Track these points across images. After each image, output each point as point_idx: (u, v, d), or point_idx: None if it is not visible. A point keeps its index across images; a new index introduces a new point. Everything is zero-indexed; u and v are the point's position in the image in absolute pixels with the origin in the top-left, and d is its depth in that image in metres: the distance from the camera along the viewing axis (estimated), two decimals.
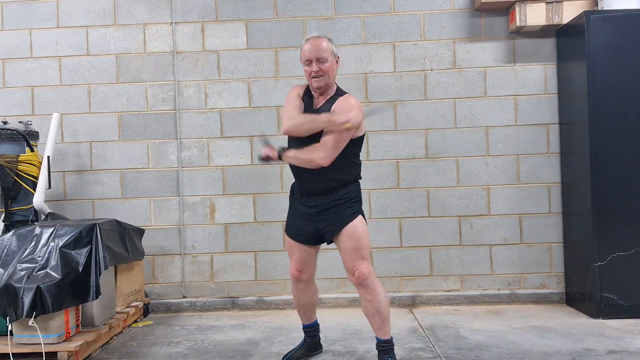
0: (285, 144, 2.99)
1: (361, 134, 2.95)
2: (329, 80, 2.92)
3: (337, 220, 2.90)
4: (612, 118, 3.88)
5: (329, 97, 2.95)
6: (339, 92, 2.98)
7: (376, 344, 2.99)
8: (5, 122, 4.03)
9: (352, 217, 2.91)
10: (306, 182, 2.97)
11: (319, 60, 2.86)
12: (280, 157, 2.91)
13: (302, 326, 3.29)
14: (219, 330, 3.92)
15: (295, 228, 3.05)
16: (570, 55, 4.18)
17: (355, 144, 2.94)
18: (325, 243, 3.05)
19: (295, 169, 2.98)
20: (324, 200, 2.91)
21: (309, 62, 2.89)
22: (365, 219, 2.99)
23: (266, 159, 2.96)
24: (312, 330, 3.28)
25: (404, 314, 4.17)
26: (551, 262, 4.41)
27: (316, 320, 3.29)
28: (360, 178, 3.04)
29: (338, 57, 2.97)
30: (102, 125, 4.55)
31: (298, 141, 2.90)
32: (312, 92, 2.99)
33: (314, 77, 2.89)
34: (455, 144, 4.43)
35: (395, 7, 4.46)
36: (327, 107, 2.89)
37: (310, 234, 3.00)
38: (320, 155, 2.79)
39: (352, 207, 2.93)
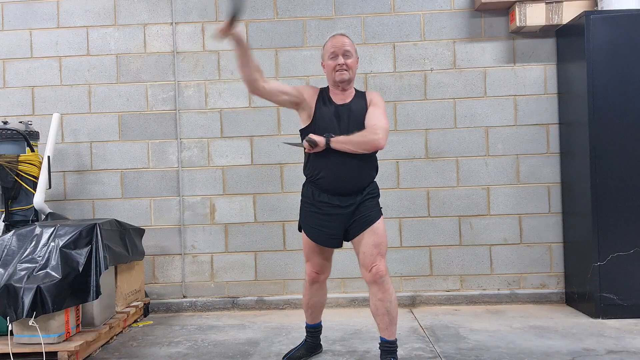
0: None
1: None
2: (352, 75, 2.94)
3: (367, 216, 2.91)
4: (612, 118, 3.89)
5: (353, 94, 2.98)
6: (359, 90, 3.03)
7: (380, 343, 2.98)
8: (5, 122, 4.04)
9: (379, 215, 2.96)
10: (344, 181, 2.88)
11: (345, 54, 2.90)
12: (328, 144, 2.80)
13: (305, 325, 3.29)
14: (219, 330, 3.93)
15: (324, 233, 2.96)
16: (570, 56, 4.19)
17: None
18: (348, 240, 3.03)
19: (332, 169, 2.86)
20: (357, 198, 2.91)
21: (334, 55, 2.90)
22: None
23: (313, 144, 2.81)
24: (315, 331, 3.28)
25: (404, 314, 4.17)
26: (551, 262, 4.41)
27: (320, 322, 3.29)
28: None
29: (357, 57, 3.02)
30: (102, 125, 4.55)
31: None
32: (332, 90, 2.99)
33: (338, 71, 2.89)
34: (455, 144, 4.43)
35: (395, 7, 4.47)
36: (358, 103, 2.93)
37: (340, 235, 2.97)
38: (379, 136, 2.78)
39: (378, 204, 3.00)
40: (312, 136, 2.83)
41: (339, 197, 2.91)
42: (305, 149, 2.89)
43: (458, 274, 4.44)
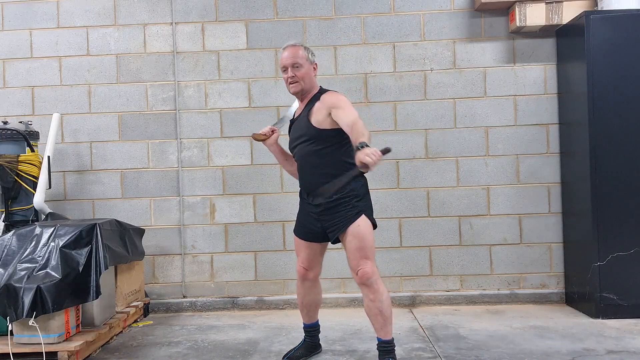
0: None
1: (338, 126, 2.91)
2: (305, 85, 3.00)
3: (339, 220, 2.91)
4: (612, 118, 3.88)
5: (307, 101, 3.04)
6: (321, 91, 3.04)
7: (377, 344, 2.98)
8: (5, 122, 4.04)
9: (356, 218, 2.90)
10: (307, 181, 3.03)
11: (294, 65, 2.97)
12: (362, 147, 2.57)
13: (302, 325, 3.29)
14: (219, 330, 3.93)
15: (303, 226, 3.11)
16: (570, 56, 4.18)
17: (342, 136, 2.85)
18: (331, 242, 3.05)
19: (299, 168, 3.06)
20: (327, 199, 2.92)
21: (284, 68, 3.01)
22: (372, 218, 2.97)
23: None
24: (312, 330, 3.28)
25: (403, 314, 4.17)
26: (551, 262, 4.41)
27: (317, 321, 3.30)
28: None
29: (316, 64, 3.08)
30: (102, 125, 4.55)
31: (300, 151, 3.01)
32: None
33: (290, 83, 3.01)
34: (455, 144, 4.43)
35: (395, 7, 4.47)
36: (305, 113, 2.98)
37: (318, 232, 3.03)
38: (366, 132, 2.67)
39: (356, 206, 2.91)
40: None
41: (312, 196, 3.01)
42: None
43: (458, 274, 4.44)
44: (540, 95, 4.41)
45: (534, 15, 4.18)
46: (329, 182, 2.85)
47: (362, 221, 2.91)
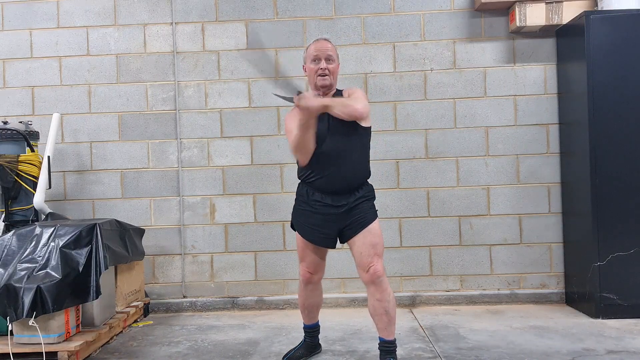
0: None
1: (370, 125, 2.97)
2: (333, 81, 2.95)
3: (362, 218, 2.90)
4: (612, 118, 3.88)
5: (331, 97, 2.97)
6: (338, 89, 3.04)
7: (379, 343, 2.98)
8: (5, 122, 4.04)
9: (375, 217, 2.96)
10: (336, 180, 2.87)
11: (328, 59, 2.90)
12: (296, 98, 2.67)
13: (303, 326, 3.29)
14: (219, 330, 3.93)
15: (316, 231, 2.97)
16: (570, 56, 4.19)
17: (369, 134, 2.99)
18: (341, 242, 3.03)
19: (327, 164, 2.85)
20: (351, 198, 2.90)
21: (317, 59, 2.90)
22: None
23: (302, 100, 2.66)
24: (313, 331, 3.28)
25: (404, 314, 4.17)
26: (551, 262, 4.41)
27: (318, 322, 3.29)
28: None
29: (339, 63, 3.03)
30: (102, 125, 4.55)
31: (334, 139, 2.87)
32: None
33: (320, 75, 2.89)
34: (455, 144, 4.43)
35: (395, 7, 4.47)
36: None
37: (334, 235, 2.98)
38: (361, 105, 2.74)
39: (373, 206, 3.00)
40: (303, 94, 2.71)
41: (332, 196, 2.90)
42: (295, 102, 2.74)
43: (458, 274, 4.44)
44: (540, 95, 4.41)
45: (534, 15, 4.18)
46: (367, 176, 2.97)
47: (377, 220, 2.97)
